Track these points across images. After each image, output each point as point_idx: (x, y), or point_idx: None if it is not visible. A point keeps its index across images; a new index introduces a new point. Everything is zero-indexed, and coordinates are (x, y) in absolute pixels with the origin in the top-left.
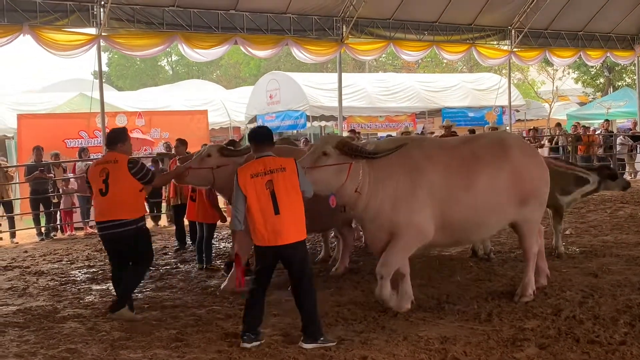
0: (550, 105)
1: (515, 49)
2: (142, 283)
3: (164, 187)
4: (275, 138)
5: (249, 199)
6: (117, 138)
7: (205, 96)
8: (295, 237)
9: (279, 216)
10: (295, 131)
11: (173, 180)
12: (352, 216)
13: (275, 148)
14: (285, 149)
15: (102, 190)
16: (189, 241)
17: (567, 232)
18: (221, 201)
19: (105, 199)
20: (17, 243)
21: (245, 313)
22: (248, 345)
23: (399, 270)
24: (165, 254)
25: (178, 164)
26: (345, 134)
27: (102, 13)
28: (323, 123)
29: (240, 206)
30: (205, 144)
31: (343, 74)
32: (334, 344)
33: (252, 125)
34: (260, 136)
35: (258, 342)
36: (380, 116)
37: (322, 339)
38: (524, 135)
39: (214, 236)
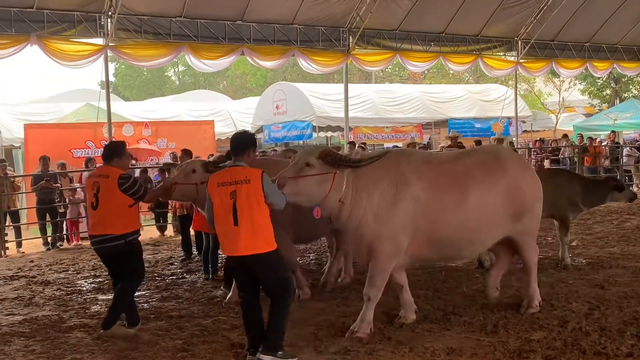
0: (556, 116)
1: (521, 60)
2: (148, 294)
3: None
4: (280, 148)
5: (215, 207)
6: (113, 152)
7: (211, 106)
8: (256, 249)
9: (237, 228)
10: (301, 142)
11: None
12: (336, 227)
13: (255, 159)
14: (262, 161)
15: (93, 203)
16: (195, 251)
17: (574, 244)
18: None
19: (95, 213)
20: (24, 253)
21: (245, 327)
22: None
23: (396, 281)
24: (172, 264)
25: None
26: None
27: (109, 23)
28: (329, 133)
29: (209, 211)
30: (212, 154)
31: (349, 85)
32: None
33: (258, 136)
34: (235, 144)
35: None
36: (387, 127)
37: (280, 352)
38: (531, 146)
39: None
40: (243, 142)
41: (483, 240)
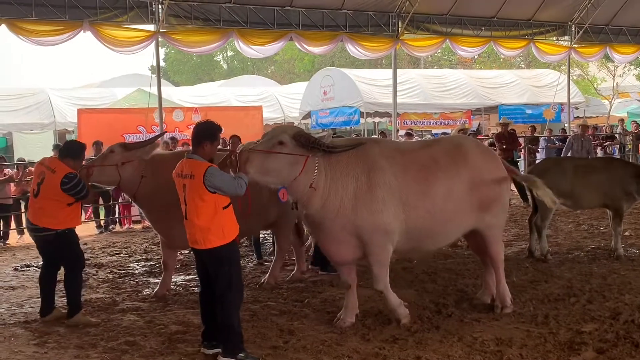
0: (610, 102)
1: (575, 45)
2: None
3: None
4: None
5: (179, 195)
6: (70, 151)
7: (259, 92)
8: (205, 244)
9: (187, 221)
10: (348, 127)
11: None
12: (304, 215)
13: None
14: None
15: (34, 191)
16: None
17: (627, 234)
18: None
19: (35, 201)
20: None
21: (201, 318)
22: (209, 352)
23: (344, 279)
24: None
25: None
26: (401, 132)
27: (160, 10)
28: (377, 119)
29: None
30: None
31: (398, 70)
32: None
33: (305, 122)
34: (192, 135)
35: (219, 349)
36: (435, 113)
37: (241, 354)
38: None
39: None
40: (198, 135)
41: (449, 233)
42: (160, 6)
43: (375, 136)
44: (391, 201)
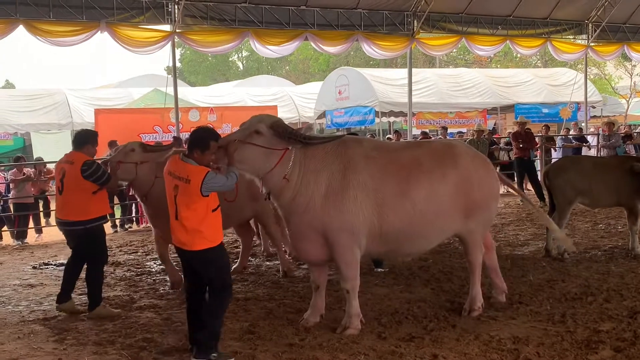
0: (627, 101)
1: (592, 44)
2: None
3: None
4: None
5: (167, 193)
6: (85, 140)
7: (274, 91)
8: (194, 246)
9: (177, 222)
10: (363, 127)
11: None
12: (276, 206)
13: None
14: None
15: (59, 188)
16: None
17: None
18: None
19: (61, 197)
20: None
21: (187, 322)
22: None
23: (313, 280)
24: (237, 247)
25: None
26: (415, 130)
27: (176, 10)
28: (392, 119)
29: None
30: None
31: (413, 69)
32: None
33: (320, 121)
34: (191, 139)
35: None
36: (450, 112)
37: (214, 354)
38: (601, 132)
39: None
40: (191, 142)
41: (430, 237)
42: (176, 6)
43: (388, 136)
44: (364, 202)
